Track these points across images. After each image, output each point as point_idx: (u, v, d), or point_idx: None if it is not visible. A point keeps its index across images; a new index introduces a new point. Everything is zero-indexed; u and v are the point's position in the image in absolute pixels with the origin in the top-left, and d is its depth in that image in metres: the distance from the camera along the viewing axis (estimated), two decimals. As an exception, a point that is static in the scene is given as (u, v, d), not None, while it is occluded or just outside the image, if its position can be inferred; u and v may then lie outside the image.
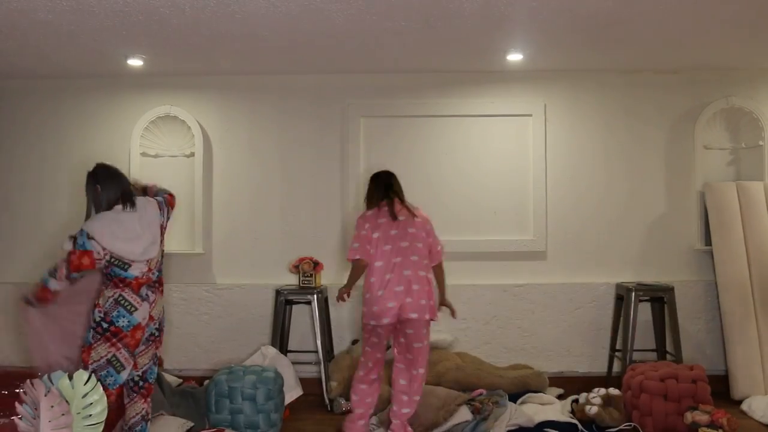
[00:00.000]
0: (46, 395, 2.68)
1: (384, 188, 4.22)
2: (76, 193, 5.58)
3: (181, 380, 5.06)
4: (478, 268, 5.53)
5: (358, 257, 4.05)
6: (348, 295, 4.23)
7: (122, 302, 3.40)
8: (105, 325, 3.36)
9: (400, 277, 4.00)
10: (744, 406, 4.78)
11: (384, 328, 4.01)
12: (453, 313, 4.30)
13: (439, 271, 4.25)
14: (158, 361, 5.30)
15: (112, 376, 3.36)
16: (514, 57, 5.13)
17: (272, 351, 4.94)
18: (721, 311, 5.17)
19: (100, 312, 3.39)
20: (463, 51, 5.00)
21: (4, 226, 5.68)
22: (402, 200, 4.22)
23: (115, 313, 3.37)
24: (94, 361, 3.35)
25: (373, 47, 4.86)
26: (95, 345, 3.37)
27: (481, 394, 4.62)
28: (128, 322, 3.39)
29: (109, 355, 3.36)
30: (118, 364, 3.38)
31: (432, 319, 4.07)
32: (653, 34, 4.61)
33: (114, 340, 3.37)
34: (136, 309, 3.42)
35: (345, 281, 4.22)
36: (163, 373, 4.62)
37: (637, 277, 5.49)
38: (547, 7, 4.06)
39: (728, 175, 5.54)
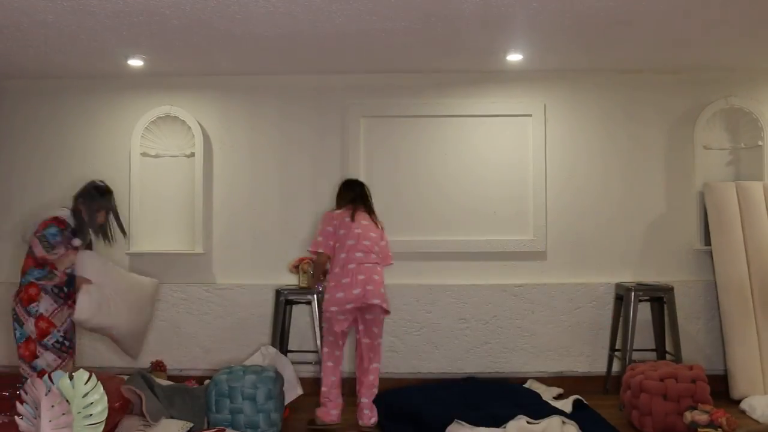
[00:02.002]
0: (46, 395, 2.68)
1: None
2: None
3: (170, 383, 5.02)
4: (477, 267, 5.54)
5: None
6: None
7: None
8: None
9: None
10: (743, 406, 4.79)
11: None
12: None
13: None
14: (159, 365, 5.30)
15: None
16: (514, 57, 5.14)
17: (272, 351, 4.94)
18: (721, 311, 5.17)
19: None
20: (464, 51, 5.01)
21: (5, 225, 5.69)
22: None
23: None
24: None
25: (373, 47, 4.87)
26: None
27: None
28: None
29: None
30: None
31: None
32: (653, 34, 4.62)
33: None
34: None
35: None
36: (152, 376, 4.58)
37: (637, 277, 5.49)
38: (546, 7, 4.07)
39: (728, 175, 5.55)
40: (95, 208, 4.33)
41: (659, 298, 5.26)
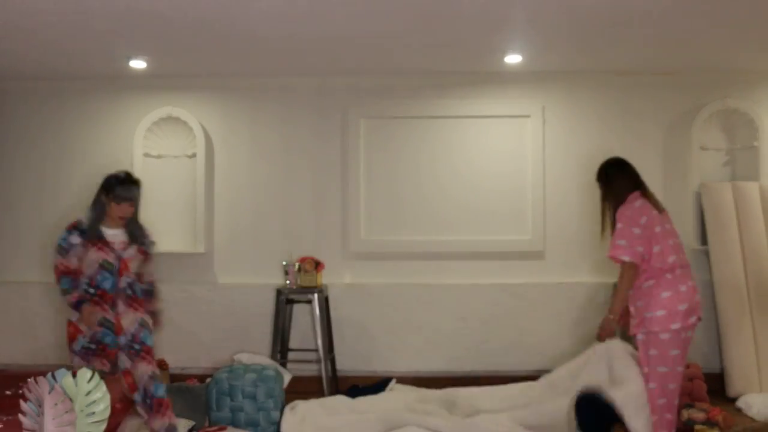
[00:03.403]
0: (49, 393, 2.72)
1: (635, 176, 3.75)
2: (79, 193, 5.69)
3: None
4: (476, 267, 5.57)
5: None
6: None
7: None
8: None
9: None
10: (739, 404, 4.81)
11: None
12: None
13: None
14: (161, 363, 5.30)
15: None
16: (513, 58, 5.17)
17: (245, 356, 4.86)
18: (717, 310, 5.20)
19: None
20: (463, 52, 5.04)
21: (6, 226, 5.72)
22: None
23: None
24: None
25: (373, 49, 4.90)
26: None
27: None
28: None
29: None
30: None
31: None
32: (651, 36, 4.65)
33: None
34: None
35: (345, 280, 4.20)
36: None
37: (635, 276, 5.52)
38: (545, 9, 4.10)
39: (724, 176, 5.58)
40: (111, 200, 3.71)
41: (656, 297, 5.28)
